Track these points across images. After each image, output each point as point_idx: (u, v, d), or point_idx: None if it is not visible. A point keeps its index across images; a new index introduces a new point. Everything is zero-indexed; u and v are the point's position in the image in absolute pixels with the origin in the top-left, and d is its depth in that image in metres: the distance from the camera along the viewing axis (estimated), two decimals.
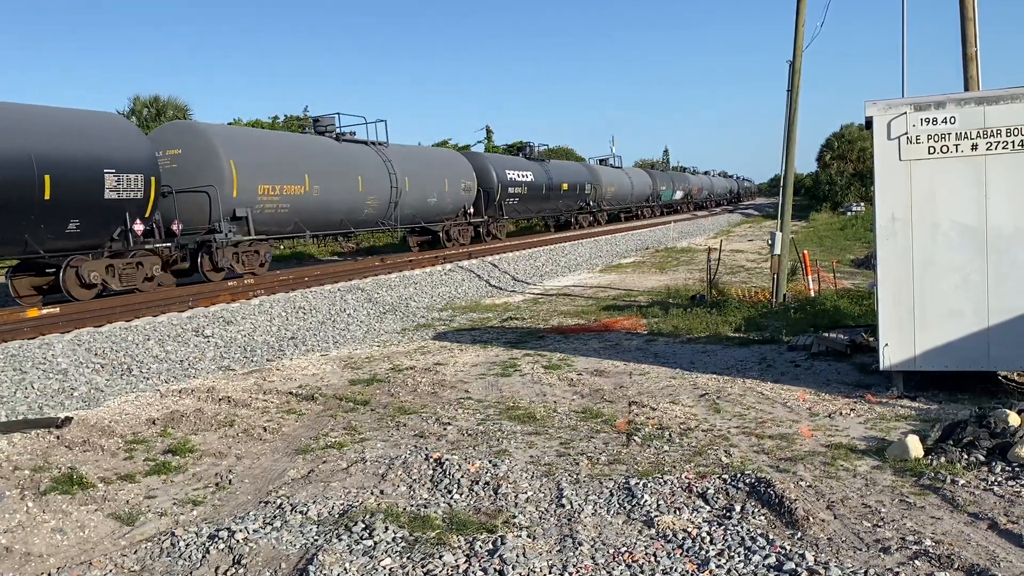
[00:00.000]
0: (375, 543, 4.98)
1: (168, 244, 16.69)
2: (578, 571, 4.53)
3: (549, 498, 5.74)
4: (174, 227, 16.81)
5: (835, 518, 5.19)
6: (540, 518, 5.40)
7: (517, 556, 4.70)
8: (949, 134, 8.02)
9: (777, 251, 14.58)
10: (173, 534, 5.23)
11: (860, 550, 4.71)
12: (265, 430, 7.78)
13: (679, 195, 61.44)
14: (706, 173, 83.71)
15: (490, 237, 30.42)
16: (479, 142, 52.64)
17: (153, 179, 15.80)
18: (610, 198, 43.89)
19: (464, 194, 27.90)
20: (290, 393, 9.31)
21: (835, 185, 56.19)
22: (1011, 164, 7.86)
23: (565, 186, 36.67)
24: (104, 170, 14.64)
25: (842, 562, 4.50)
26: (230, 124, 33.44)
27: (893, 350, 8.22)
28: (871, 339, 10.02)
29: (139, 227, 15.58)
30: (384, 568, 4.66)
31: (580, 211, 40.26)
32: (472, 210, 28.71)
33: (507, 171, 31.74)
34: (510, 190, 31.62)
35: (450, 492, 5.92)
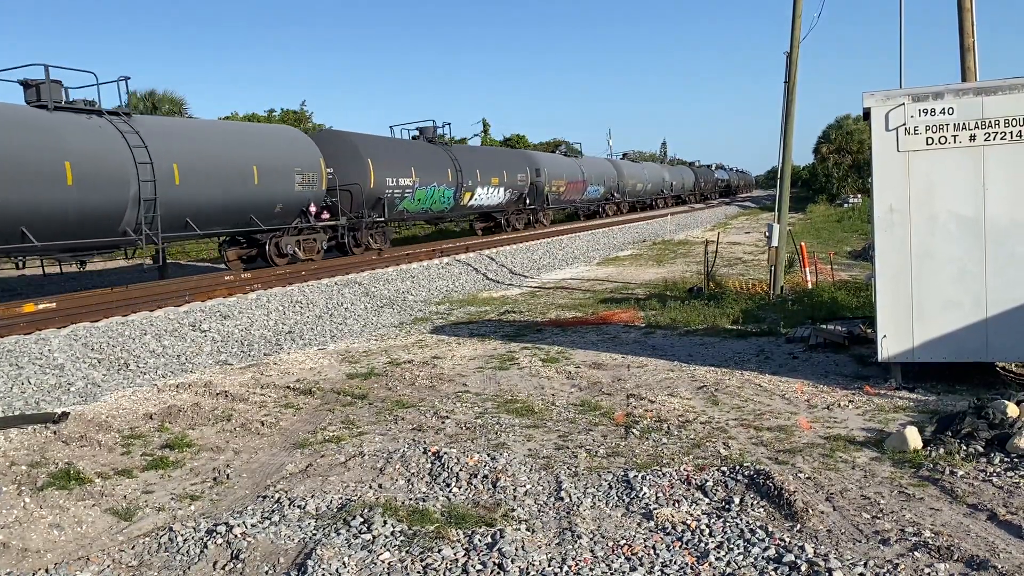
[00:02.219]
0: (374, 537, 4.97)
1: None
2: (577, 564, 4.52)
3: (548, 491, 5.73)
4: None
5: (834, 510, 5.19)
6: (539, 511, 5.39)
7: (516, 549, 4.69)
8: (947, 125, 8.00)
9: (774, 243, 14.57)
10: (171, 529, 5.21)
11: (859, 542, 4.71)
12: (263, 424, 7.76)
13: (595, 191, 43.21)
14: (670, 163, 71.81)
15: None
16: (475, 135, 52.44)
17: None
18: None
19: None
20: (288, 387, 9.29)
21: (832, 177, 56.19)
22: (1009, 155, 7.85)
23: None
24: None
25: (841, 554, 4.50)
26: (226, 118, 33.34)
27: (891, 341, 8.22)
28: (869, 331, 10.02)
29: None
30: (383, 562, 4.65)
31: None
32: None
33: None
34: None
35: (448, 486, 5.91)
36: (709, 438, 6.82)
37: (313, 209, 20.22)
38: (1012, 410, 6.46)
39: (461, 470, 6.12)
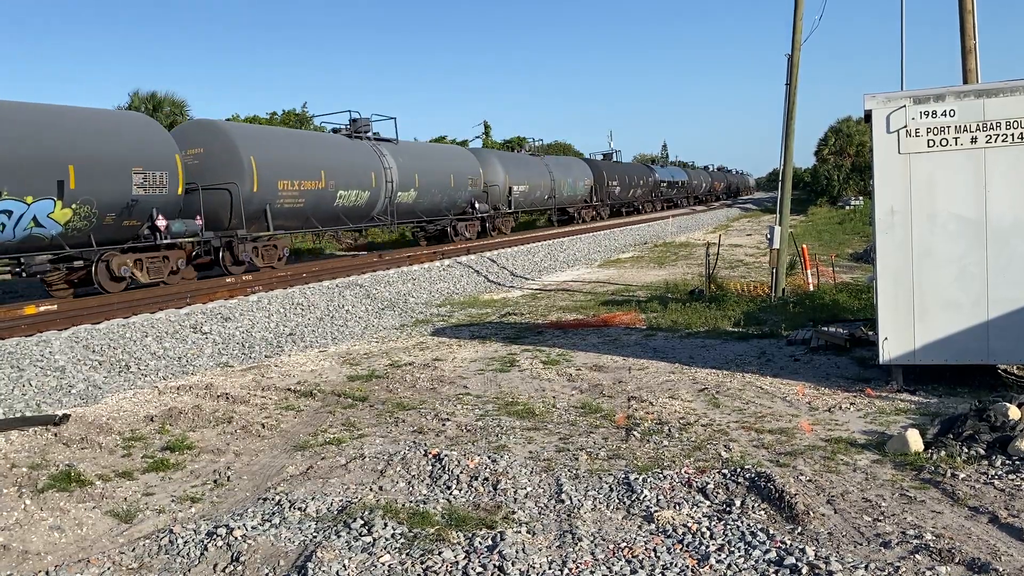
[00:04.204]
0: (374, 539, 4.96)
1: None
2: (578, 566, 4.51)
3: (548, 493, 5.72)
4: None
5: (835, 512, 5.18)
6: (539, 513, 5.38)
7: (516, 552, 4.68)
8: (948, 127, 7.99)
9: (776, 245, 14.57)
10: (171, 531, 5.21)
11: (860, 544, 4.70)
12: (263, 426, 7.76)
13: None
14: (659, 164, 64.18)
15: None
16: (477, 137, 52.40)
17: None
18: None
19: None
20: (288, 389, 9.29)
21: (833, 179, 56.15)
22: (1010, 157, 7.84)
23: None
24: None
25: (843, 556, 4.49)
26: (228, 120, 33.31)
27: (892, 344, 8.21)
28: (870, 333, 10.01)
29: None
30: (383, 564, 4.64)
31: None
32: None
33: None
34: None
35: (449, 488, 5.90)
36: (710, 440, 6.81)
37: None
38: (1014, 412, 6.44)
39: (462, 472, 6.11)
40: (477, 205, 28.30)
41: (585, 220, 39.88)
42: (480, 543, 4.84)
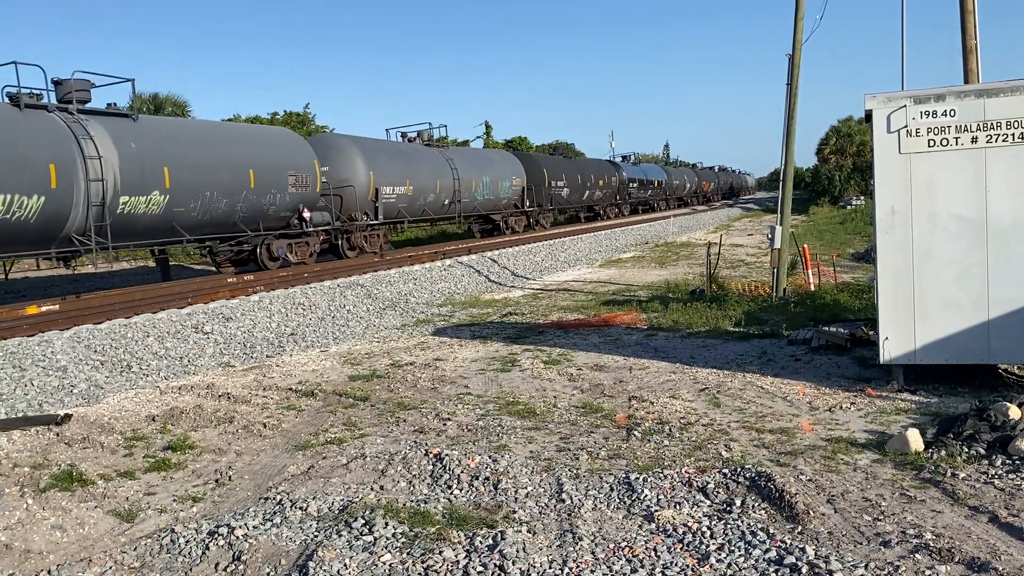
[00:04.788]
0: (375, 539, 4.97)
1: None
2: (578, 566, 4.52)
3: (549, 493, 5.73)
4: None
5: (835, 512, 5.19)
6: (540, 513, 5.40)
7: (517, 551, 4.69)
8: (949, 127, 8.00)
9: (777, 245, 14.57)
10: (173, 531, 5.22)
11: (860, 544, 4.71)
12: (265, 426, 7.77)
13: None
14: (630, 161, 53.88)
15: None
16: (478, 137, 52.46)
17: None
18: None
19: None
20: (290, 389, 9.30)
21: (835, 179, 56.13)
22: (1011, 156, 7.84)
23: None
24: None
25: (842, 556, 4.50)
26: (230, 120, 33.36)
27: (893, 343, 8.21)
28: (871, 333, 10.01)
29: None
30: (384, 563, 4.65)
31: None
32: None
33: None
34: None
35: (450, 487, 5.91)
36: (711, 440, 6.82)
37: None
38: (1014, 412, 6.45)
39: (462, 472, 6.12)
40: (308, 215, 19.86)
41: (516, 231, 31.46)
42: (481, 542, 4.86)
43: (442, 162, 26.12)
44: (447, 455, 6.46)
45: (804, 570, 4.33)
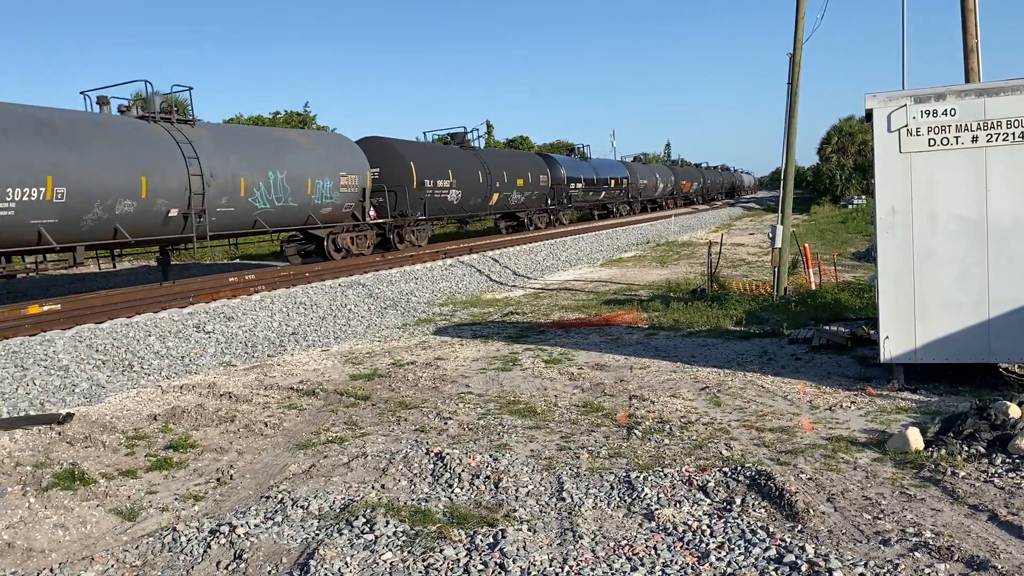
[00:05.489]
0: (376, 537, 4.99)
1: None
2: (579, 564, 4.54)
3: (550, 492, 5.75)
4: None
5: (835, 510, 5.20)
6: (541, 512, 5.41)
7: (518, 549, 4.71)
8: (949, 126, 8.00)
9: (778, 244, 14.58)
10: (174, 529, 5.24)
11: (860, 542, 4.72)
12: (266, 425, 7.79)
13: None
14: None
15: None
16: (479, 136, 52.42)
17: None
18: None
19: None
20: (291, 388, 9.32)
21: (836, 178, 56.13)
22: (1011, 156, 7.85)
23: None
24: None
25: (842, 554, 4.51)
26: (230, 120, 33.39)
27: (893, 343, 8.22)
28: (871, 332, 10.02)
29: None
30: (385, 562, 4.67)
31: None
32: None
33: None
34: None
35: (451, 486, 5.93)
36: (711, 439, 6.83)
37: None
38: (1014, 411, 6.46)
39: (463, 471, 6.14)
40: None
41: (352, 251, 21.56)
42: (481, 541, 4.87)
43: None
44: (448, 454, 6.47)
45: (804, 568, 4.35)
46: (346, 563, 4.64)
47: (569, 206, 37.62)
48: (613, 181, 42.65)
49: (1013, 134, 7.82)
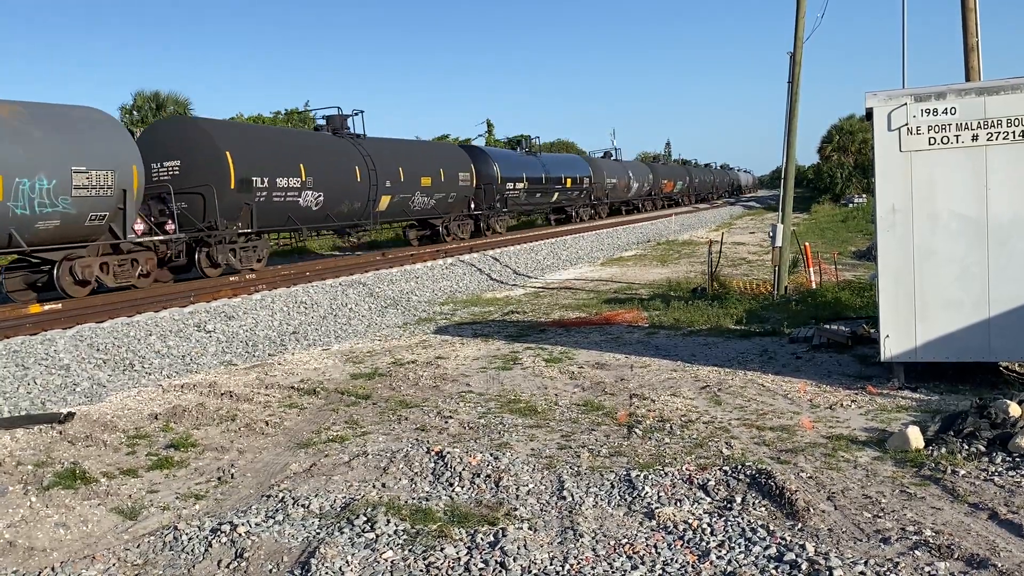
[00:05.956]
0: (377, 536, 5.00)
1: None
2: (579, 563, 4.54)
3: (550, 490, 5.75)
4: None
5: (835, 509, 5.20)
6: (541, 510, 5.41)
7: (518, 548, 4.71)
8: (950, 125, 8.00)
9: (778, 243, 14.58)
10: (175, 528, 5.25)
11: (860, 540, 4.72)
12: (267, 424, 7.80)
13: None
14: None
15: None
16: (480, 136, 52.35)
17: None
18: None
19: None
20: (292, 387, 9.33)
21: (836, 177, 56.09)
22: (1011, 154, 7.85)
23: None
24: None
25: (842, 553, 4.51)
26: (231, 120, 33.39)
27: (894, 341, 8.22)
28: (872, 331, 10.03)
29: None
30: (386, 561, 4.67)
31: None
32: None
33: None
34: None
35: (451, 485, 5.93)
36: (711, 438, 6.83)
37: None
38: (1014, 410, 6.46)
39: (464, 469, 6.14)
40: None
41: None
42: (482, 540, 4.88)
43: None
44: (449, 453, 6.48)
45: (804, 567, 4.35)
46: (347, 562, 4.65)
47: (505, 211, 31.07)
48: (569, 180, 36.32)
49: (1013, 133, 7.82)
